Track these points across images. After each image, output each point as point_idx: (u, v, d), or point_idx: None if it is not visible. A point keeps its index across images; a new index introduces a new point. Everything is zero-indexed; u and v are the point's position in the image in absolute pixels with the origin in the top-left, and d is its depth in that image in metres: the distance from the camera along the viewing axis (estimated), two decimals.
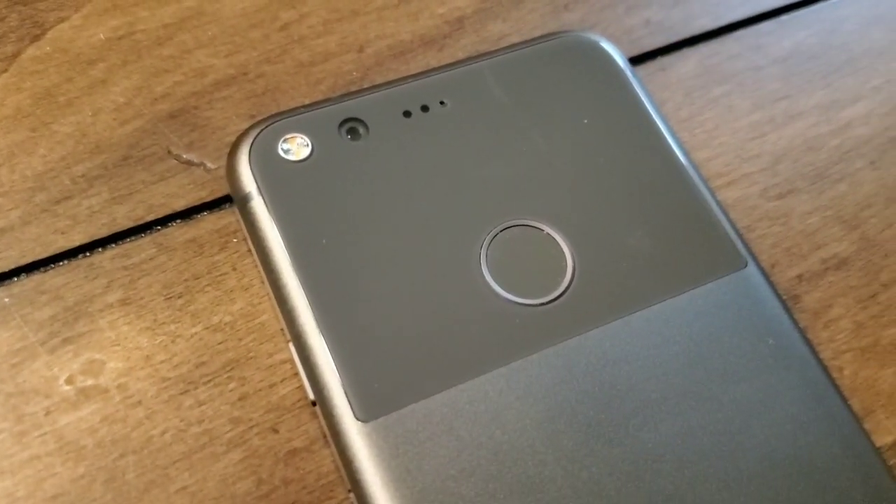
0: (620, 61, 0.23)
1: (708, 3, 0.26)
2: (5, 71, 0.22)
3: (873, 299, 0.23)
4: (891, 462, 0.21)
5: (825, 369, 0.20)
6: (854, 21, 0.27)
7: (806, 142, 0.24)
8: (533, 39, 0.24)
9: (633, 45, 0.25)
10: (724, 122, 0.24)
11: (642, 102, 0.23)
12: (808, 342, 0.20)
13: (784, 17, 0.26)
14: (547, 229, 0.21)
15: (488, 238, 0.20)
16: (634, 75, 0.23)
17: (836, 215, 0.23)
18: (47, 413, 0.19)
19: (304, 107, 0.22)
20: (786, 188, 0.24)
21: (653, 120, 0.23)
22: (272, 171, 0.20)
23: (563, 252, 0.20)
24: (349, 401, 0.18)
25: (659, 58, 0.25)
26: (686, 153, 0.22)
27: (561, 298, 0.20)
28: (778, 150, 0.24)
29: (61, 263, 0.20)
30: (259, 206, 0.20)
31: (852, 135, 0.25)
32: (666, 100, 0.24)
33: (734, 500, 0.18)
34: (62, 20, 0.23)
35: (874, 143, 0.25)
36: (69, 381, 0.19)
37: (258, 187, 0.20)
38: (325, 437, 0.19)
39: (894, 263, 0.23)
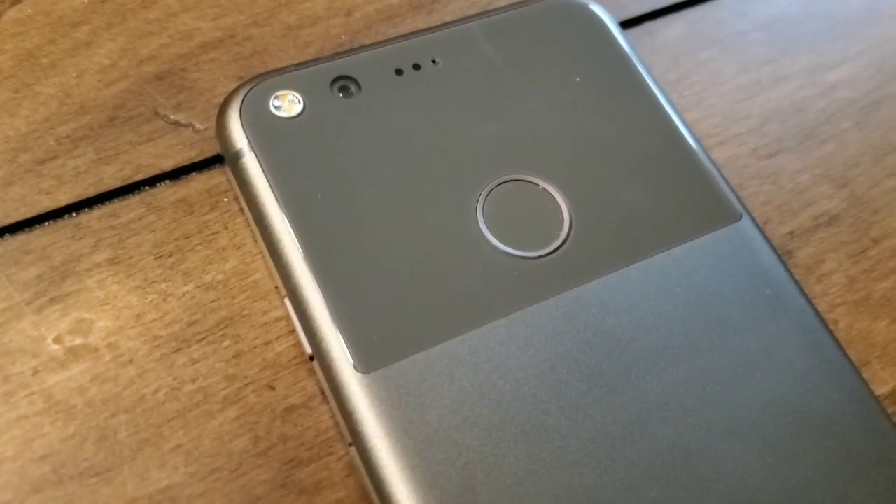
0: (610, 24, 0.23)
1: None
2: None
3: (864, 254, 0.23)
4: (889, 410, 0.21)
5: (822, 319, 0.20)
6: None
7: (793, 104, 0.25)
8: (523, 1, 0.23)
9: (621, 11, 0.25)
10: (711, 85, 0.24)
11: (633, 63, 0.23)
12: (803, 291, 0.20)
13: None
14: (543, 184, 0.21)
15: (484, 193, 0.20)
16: (625, 37, 0.23)
17: (825, 174, 0.24)
18: (35, 373, 0.18)
19: (295, 65, 0.21)
20: (775, 148, 0.24)
21: (644, 80, 0.23)
22: (264, 127, 0.20)
23: (559, 206, 0.20)
24: (348, 353, 0.18)
25: (646, 23, 0.25)
26: (677, 111, 0.22)
27: (559, 251, 0.20)
28: (766, 111, 0.24)
29: (47, 223, 0.20)
30: (251, 161, 0.20)
31: (837, 97, 0.25)
32: (654, 63, 0.24)
33: (737, 446, 0.18)
34: None
35: (859, 105, 0.25)
36: (57, 340, 0.18)
37: (249, 143, 0.20)
38: (322, 393, 0.19)
39: (883, 219, 0.23)
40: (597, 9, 0.23)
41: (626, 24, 0.25)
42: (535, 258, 0.20)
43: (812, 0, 0.27)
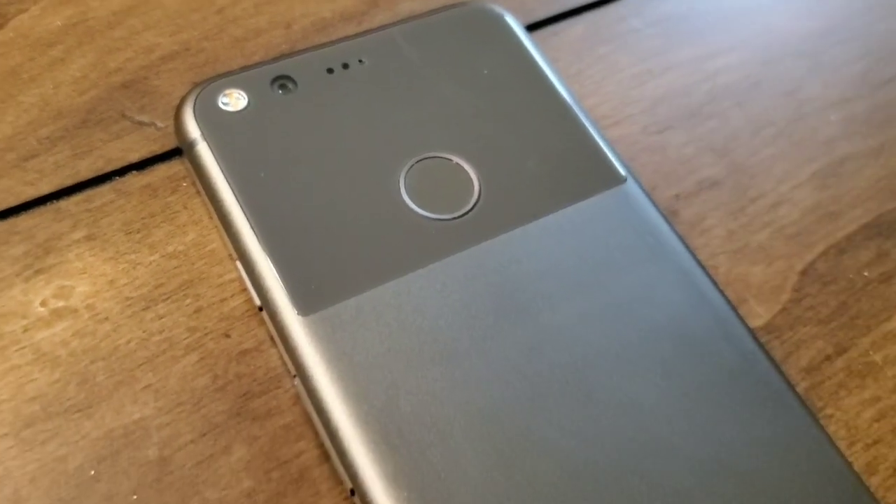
0: (516, 26, 0.27)
1: None
2: None
3: (742, 211, 0.26)
4: (763, 339, 0.24)
5: (700, 262, 0.24)
6: None
7: (681, 88, 0.28)
8: (440, 8, 0.27)
9: (529, 15, 0.29)
10: (609, 75, 0.28)
11: (534, 58, 0.26)
12: (683, 241, 0.24)
13: None
14: (456, 159, 0.24)
15: (406, 168, 0.24)
16: (528, 36, 0.27)
17: (708, 146, 0.27)
18: (25, 330, 0.21)
19: (240, 69, 0.25)
20: (663, 126, 0.27)
21: (543, 71, 0.26)
22: (214, 120, 0.23)
23: (469, 177, 0.24)
24: (290, 300, 0.21)
25: (551, 25, 0.29)
26: (574, 96, 0.26)
27: (469, 213, 0.23)
28: (656, 95, 0.28)
29: (31, 210, 0.23)
30: (204, 149, 0.23)
31: (720, 81, 0.29)
32: (558, 59, 0.28)
33: (622, 367, 0.21)
34: (22, 11, 0.26)
35: (739, 87, 0.29)
36: (43, 303, 0.22)
37: (202, 134, 0.23)
38: (271, 338, 0.22)
39: (760, 183, 0.27)
40: (504, 13, 0.27)
41: (534, 27, 0.29)
42: (449, 220, 0.23)
43: None
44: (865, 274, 0.26)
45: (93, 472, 0.20)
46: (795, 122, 0.28)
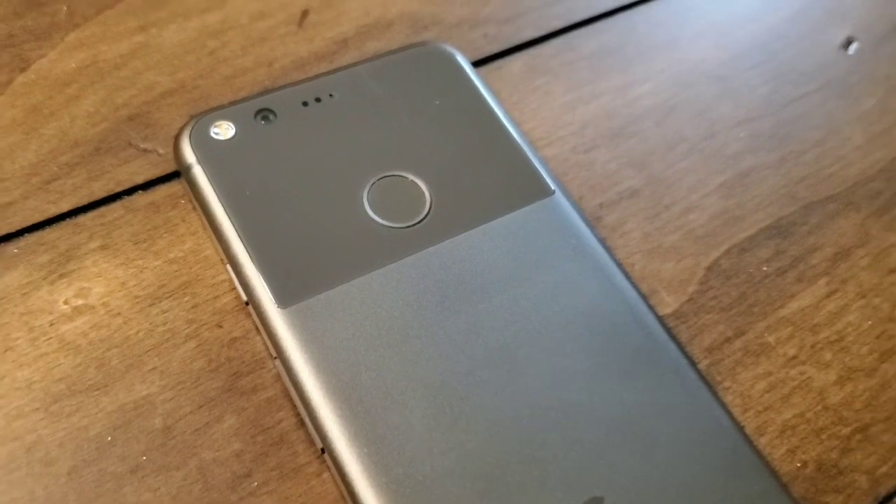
0: (464, 62, 0.32)
1: (531, 18, 0.35)
2: (2, 94, 0.30)
3: (657, 217, 0.31)
4: (671, 324, 0.29)
5: (616, 260, 0.28)
6: (644, 25, 0.36)
7: (606, 112, 0.33)
8: (400, 48, 0.32)
9: (476, 52, 0.34)
10: (544, 103, 0.33)
11: (479, 90, 0.31)
12: (603, 243, 0.28)
13: (592, 26, 0.35)
14: (410, 177, 0.29)
15: (369, 185, 0.28)
16: (474, 71, 0.32)
17: (629, 161, 0.32)
18: (51, 324, 0.26)
19: (229, 103, 0.29)
20: (590, 145, 0.32)
21: (486, 101, 0.31)
22: (207, 147, 0.28)
23: (423, 192, 0.28)
24: (271, 295, 0.26)
25: (496, 60, 0.34)
26: (512, 121, 0.30)
27: (422, 222, 0.28)
28: (584, 119, 0.33)
29: (54, 224, 0.28)
30: (199, 172, 0.28)
31: (641, 105, 0.33)
32: (500, 89, 0.33)
33: (545, 345, 0.26)
34: (42, 56, 0.31)
35: (658, 110, 0.33)
36: (66, 302, 0.26)
37: (197, 159, 0.28)
38: (255, 328, 0.26)
39: (673, 192, 0.31)
40: (454, 51, 0.32)
41: (481, 62, 0.34)
42: (405, 228, 0.28)
43: (627, 33, 0.35)
44: (764, 269, 0.30)
45: (109, 438, 0.24)
46: (707, 138, 0.33)
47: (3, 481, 0.23)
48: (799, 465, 0.27)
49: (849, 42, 0.38)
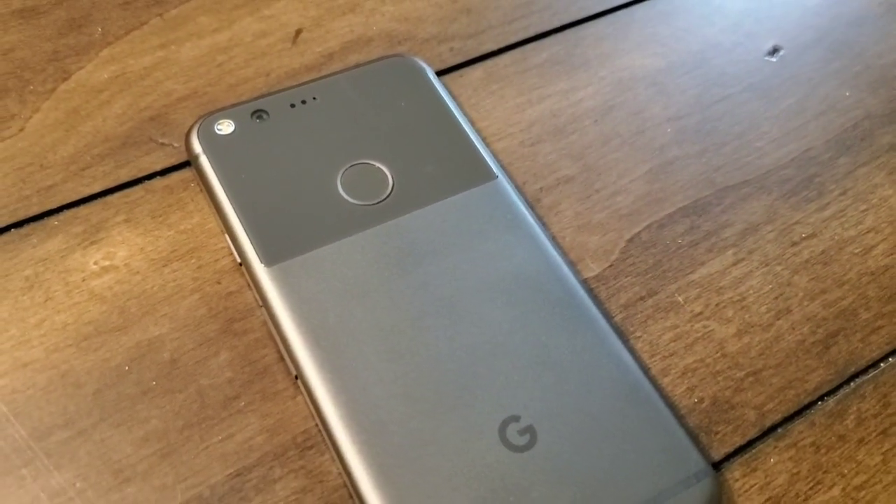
0: (429, 71, 0.38)
1: (492, 34, 0.41)
2: (48, 99, 0.37)
3: (588, 199, 0.37)
4: (593, 286, 0.34)
5: (547, 233, 0.34)
6: (591, 38, 0.42)
7: (551, 112, 0.39)
8: (374, 60, 0.38)
9: (443, 63, 0.40)
10: (498, 105, 0.39)
11: (439, 94, 0.37)
12: (537, 219, 0.34)
13: (544, 39, 0.41)
14: (377, 164, 0.35)
15: (342, 170, 0.34)
16: (437, 79, 0.38)
17: (568, 153, 0.38)
18: (83, 280, 0.32)
19: (231, 105, 0.36)
20: (536, 140, 0.38)
21: (444, 103, 0.37)
22: (211, 140, 0.34)
23: (386, 176, 0.34)
24: (258, 256, 0.32)
25: (459, 70, 0.40)
26: (467, 120, 0.36)
27: (384, 201, 0.34)
28: (532, 118, 0.39)
29: (88, 203, 0.34)
30: (205, 160, 0.34)
31: (582, 106, 0.39)
32: (461, 94, 0.39)
33: (480, 297, 0.32)
34: (81, 68, 0.38)
35: (597, 110, 0.39)
36: (95, 263, 0.33)
37: (203, 150, 0.34)
38: (247, 285, 0.33)
39: (604, 179, 0.37)
40: (420, 62, 0.38)
41: (447, 71, 0.40)
42: (370, 205, 0.34)
43: (574, 45, 0.41)
44: (679, 241, 0.36)
45: (127, 368, 0.30)
46: (638, 134, 0.39)
47: (44, 400, 0.30)
48: (696, 400, 0.32)
49: (775, 50, 0.43)
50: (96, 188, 0.34)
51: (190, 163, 0.35)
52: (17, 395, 0.29)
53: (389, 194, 0.34)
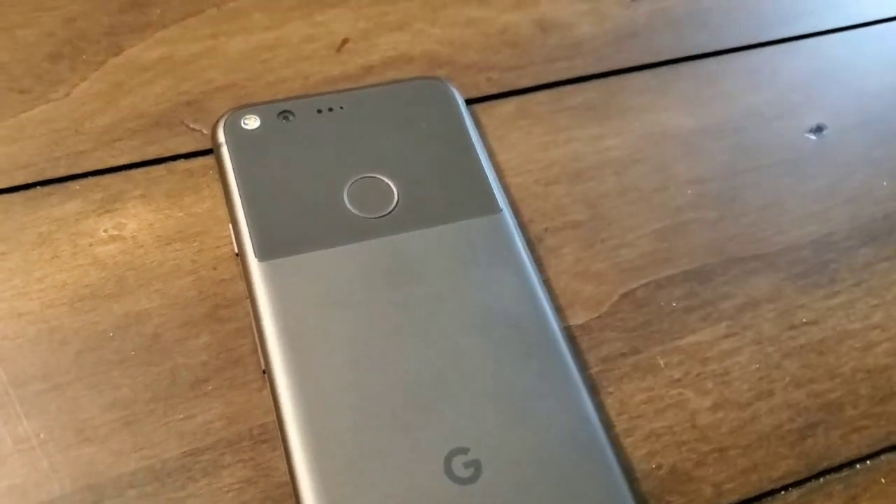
0: (457, 96, 0.39)
1: (532, 71, 0.41)
2: (97, 70, 0.39)
3: (591, 247, 0.37)
4: (577, 334, 0.34)
5: (539, 274, 0.34)
6: (630, 90, 0.42)
7: (574, 155, 0.39)
8: (408, 78, 0.39)
9: (477, 91, 0.40)
10: (523, 140, 0.39)
11: (463, 121, 0.38)
12: (532, 259, 0.34)
13: (582, 84, 0.42)
14: (386, 180, 0.36)
15: (351, 181, 0.35)
16: (465, 106, 0.38)
17: (582, 199, 0.38)
18: (90, 245, 0.34)
19: (262, 102, 0.37)
20: (552, 180, 0.38)
21: (466, 130, 0.37)
22: (235, 133, 0.36)
23: (392, 191, 0.35)
24: (254, 249, 0.33)
25: (492, 100, 0.40)
26: (485, 151, 0.37)
27: (386, 216, 0.35)
28: (553, 158, 0.39)
29: (112, 173, 0.36)
30: (225, 151, 0.35)
31: (607, 155, 0.39)
32: (489, 124, 0.39)
33: (456, 326, 0.32)
34: (133, 46, 0.40)
35: (621, 162, 0.39)
36: (105, 231, 0.34)
37: (225, 141, 0.36)
38: (241, 275, 0.34)
39: (612, 230, 0.37)
40: (450, 86, 0.39)
41: (481, 100, 0.40)
42: (371, 218, 0.35)
43: (613, 94, 0.41)
44: (674, 304, 0.36)
45: (111, 334, 0.32)
46: (657, 191, 0.39)
47: (29, 351, 0.31)
48: (654, 466, 0.32)
49: (819, 128, 0.42)
50: (122, 160, 0.36)
51: (213, 151, 0.36)
52: (6, 341, 0.31)
53: (391, 211, 0.35)
